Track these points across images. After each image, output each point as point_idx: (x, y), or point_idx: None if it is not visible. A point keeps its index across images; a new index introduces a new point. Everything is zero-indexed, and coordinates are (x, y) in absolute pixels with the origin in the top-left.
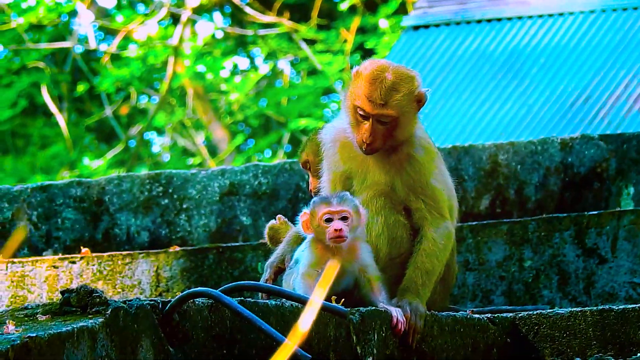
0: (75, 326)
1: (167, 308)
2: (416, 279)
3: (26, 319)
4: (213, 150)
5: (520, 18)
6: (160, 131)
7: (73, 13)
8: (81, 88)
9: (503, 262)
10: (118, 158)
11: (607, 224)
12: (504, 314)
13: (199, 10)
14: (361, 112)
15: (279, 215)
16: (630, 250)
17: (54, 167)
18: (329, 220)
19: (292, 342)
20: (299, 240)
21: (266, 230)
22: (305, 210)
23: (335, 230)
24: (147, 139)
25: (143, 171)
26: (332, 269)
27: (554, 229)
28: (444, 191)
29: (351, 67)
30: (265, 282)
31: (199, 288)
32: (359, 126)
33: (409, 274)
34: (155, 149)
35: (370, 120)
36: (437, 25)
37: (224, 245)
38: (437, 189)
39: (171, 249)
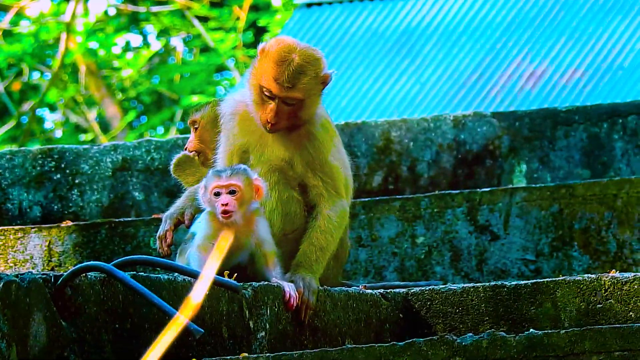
0: None
1: (59, 282)
2: (310, 254)
3: None
4: (105, 127)
5: None
6: (52, 107)
7: None
8: None
9: (395, 239)
10: (10, 134)
11: (499, 201)
12: (397, 290)
13: None
14: (267, 93)
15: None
16: (522, 227)
17: None
18: (217, 194)
19: (184, 316)
20: (193, 197)
21: (172, 162)
22: (202, 184)
23: (222, 204)
24: (40, 115)
25: (36, 147)
26: (224, 241)
27: (447, 206)
28: (342, 169)
29: (243, 45)
30: (165, 233)
31: (91, 262)
32: (263, 105)
33: (303, 250)
34: (48, 125)
35: (276, 101)
36: (330, 3)
37: (117, 220)
38: (335, 167)
39: (63, 224)
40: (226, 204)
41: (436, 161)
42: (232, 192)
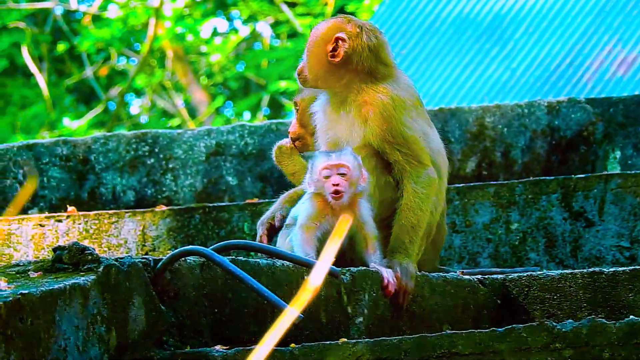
0: (67, 283)
1: (159, 266)
2: (402, 236)
3: (18, 275)
4: (192, 113)
5: None
6: (139, 93)
7: None
8: (61, 48)
9: (490, 225)
10: (98, 119)
11: (594, 187)
12: (494, 276)
13: None
14: None
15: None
16: (617, 214)
17: (34, 128)
18: (327, 176)
19: (291, 305)
20: (291, 200)
21: (274, 148)
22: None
23: (333, 184)
24: (127, 100)
25: (121, 131)
26: (343, 224)
27: (541, 192)
28: (421, 139)
29: None
30: (260, 239)
31: (191, 246)
32: None
33: (395, 232)
34: (134, 110)
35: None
36: None
37: (210, 205)
38: (412, 137)
39: (157, 209)
40: (337, 184)
41: (530, 147)
42: (341, 173)
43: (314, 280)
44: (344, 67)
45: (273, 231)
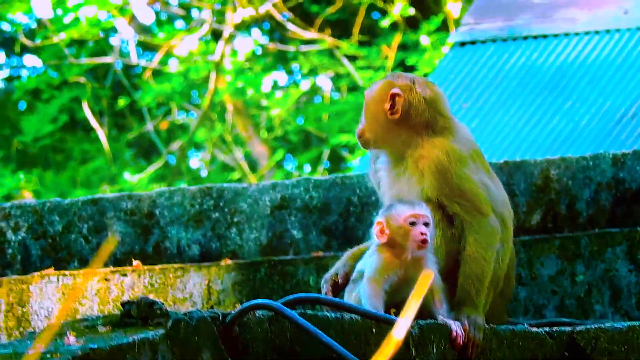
0: (136, 338)
1: (227, 320)
2: (468, 288)
3: (87, 330)
4: (253, 166)
5: (567, 35)
6: (199, 146)
7: (113, 29)
8: (122, 102)
9: (555, 277)
10: (158, 173)
11: None
12: (562, 328)
13: (239, 27)
14: None
15: None
16: None
17: (95, 182)
18: (413, 224)
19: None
20: (355, 257)
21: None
22: (379, 220)
23: (422, 233)
24: (187, 154)
25: (183, 185)
26: (425, 280)
27: (606, 244)
28: (479, 188)
29: None
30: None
31: (260, 300)
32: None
33: (461, 285)
34: (194, 164)
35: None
36: (483, 42)
37: (276, 258)
38: (469, 188)
39: (222, 262)
40: (425, 233)
41: (595, 199)
42: (426, 223)
43: (395, 336)
44: (403, 124)
45: (337, 288)
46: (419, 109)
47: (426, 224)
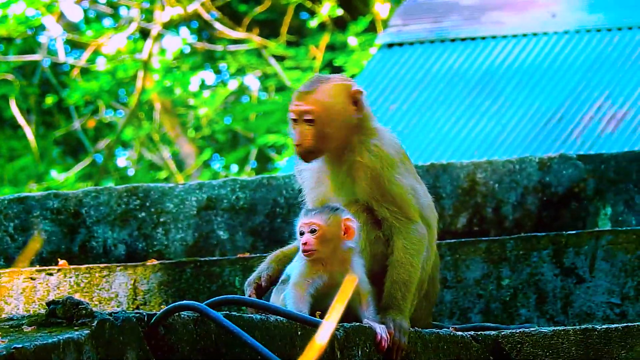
0: (61, 338)
1: (152, 321)
2: (395, 293)
3: (12, 329)
4: (180, 165)
5: (494, 37)
6: (125, 145)
7: (42, 26)
8: (50, 100)
9: (481, 280)
10: (85, 171)
11: (585, 244)
12: (487, 332)
13: (167, 25)
14: (291, 117)
15: None
16: (608, 270)
17: (22, 180)
18: (302, 234)
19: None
20: (277, 259)
21: None
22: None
23: (302, 243)
24: (114, 153)
25: (110, 184)
26: (349, 284)
27: (532, 248)
28: (409, 194)
29: None
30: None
31: (185, 301)
32: (291, 131)
33: (387, 289)
34: (121, 162)
35: (298, 120)
36: (411, 44)
37: (202, 259)
38: (399, 193)
39: (149, 262)
40: (305, 243)
41: (521, 203)
42: (312, 231)
43: (320, 340)
44: (354, 125)
45: (261, 291)
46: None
47: (312, 231)
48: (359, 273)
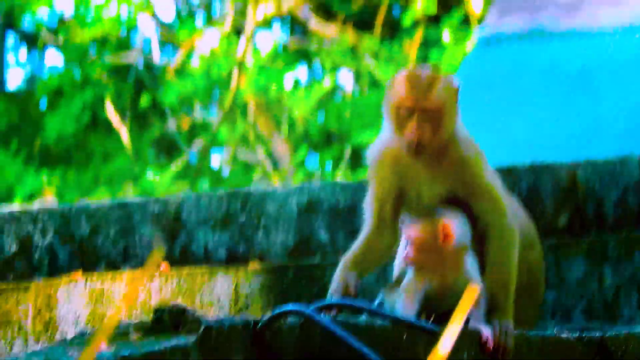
0: (167, 345)
1: (259, 326)
2: (496, 294)
3: (118, 337)
4: (274, 165)
5: (591, 32)
6: (220, 145)
7: (135, 28)
8: (144, 101)
9: (583, 280)
10: (180, 172)
11: None
12: (592, 333)
13: (260, 23)
14: (404, 111)
15: None
16: None
17: (117, 181)
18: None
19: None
20: (356, 263)
21: None
22: None
23: (404, 255)
24: (209, 152)
25: (205, 185)
26: (472, 293)
27: (634, 247)
28: (498, 188)
29: None
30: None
31: (291, 306)
32: (404, 127)
33: (489, 291)
34: (215, 162)
35: (416, 115)
36: (507, 38)
37: (303, 263)
38: (493, 189)
39: (250, 266)
40: (405, 255)
41: (622, 202)
42: (411, 243)
43: (443, 347)
44: None
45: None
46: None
47: (411, 244)
48: (472, 273)
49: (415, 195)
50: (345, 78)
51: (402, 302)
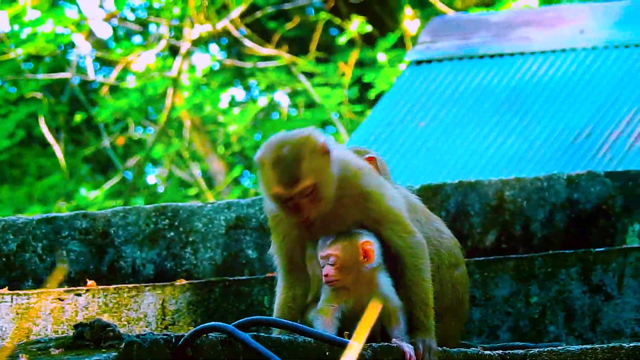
0: None
1: (180, 342)
2: (417, 314)
3: (39, 352)
4: (210, 182)
5: (523, 54)
6: (155, 162)
7: (71, 44)
8: (78, 118)
9: (510, 298)
10: (115, 189)
11: (613, 261)
12: (515, 351)
13: (197, 42)
14: (278, 198)
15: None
16: (636, 287)
17: (51, 198)
18: (322, 265)
19: None
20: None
21: None
22: None
23: (324, 275)
24: (144, 170)
25: (140, 203)
26: (374, 308)
27: (561, 265)
28: (400, 208)
29: (349, 101)
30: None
31: (213, 322)
32: (288, 211)
33: (409, 311)
34: (151, 180)
35: (294, 199)
36: (440, 60)
37: (231, 278)
38: (395, 210)
39: (177, 282)
40: (326, 275)
41: (549, 220)
42: (332, 262)
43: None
44: None
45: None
46: None
47: (331, 264)
48: (387, 290)
49: (322, 235)
50: (281, 98)
51: (321, 323)
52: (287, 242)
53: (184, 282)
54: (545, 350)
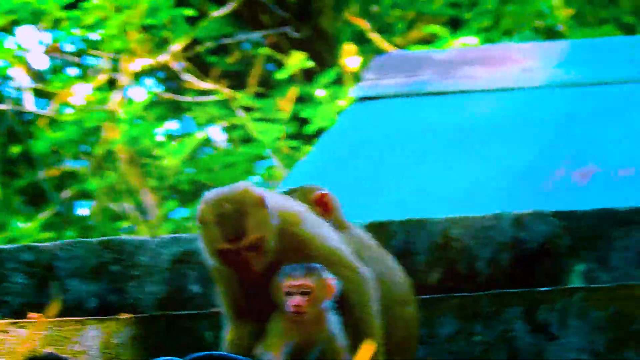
0: None
1: None
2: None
3: None
4: (143, 216)
5: (468, 92)
6: (89, 195)
7: (7, 76)
8: (15, 150)
9: (454, 336)
10: (48, 221)
11: (558, 301)
12: None
13: (135, 76)
14: (227, 255)
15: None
16: (580, 327)
17: None
18: (290, 294)
19: None
20: None
21: None
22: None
23: (294, 305)
24: (77, 203)
25: (73, 236)
26: (367, 350)
27: (505, 304)
28: (338, 247)
29: (287, 136)
30: None
31: (163, 357)
32: (233, 266)
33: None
34: (84, 212)
35: (240, 254)
36: (384, 98)
37: (175, 313)
38: (334, 249)
39: (121, 316)
40: (297, 305)
41: (495, 259)
42: (304, 293)
43: None
44: None
45: None
46: None
47: (304, 293)
48: (334, 329)
49: (266, 284)
50: (217, 132)
51: (270, 359)
52: (231, 292)
53: (127, 316)
54: None
